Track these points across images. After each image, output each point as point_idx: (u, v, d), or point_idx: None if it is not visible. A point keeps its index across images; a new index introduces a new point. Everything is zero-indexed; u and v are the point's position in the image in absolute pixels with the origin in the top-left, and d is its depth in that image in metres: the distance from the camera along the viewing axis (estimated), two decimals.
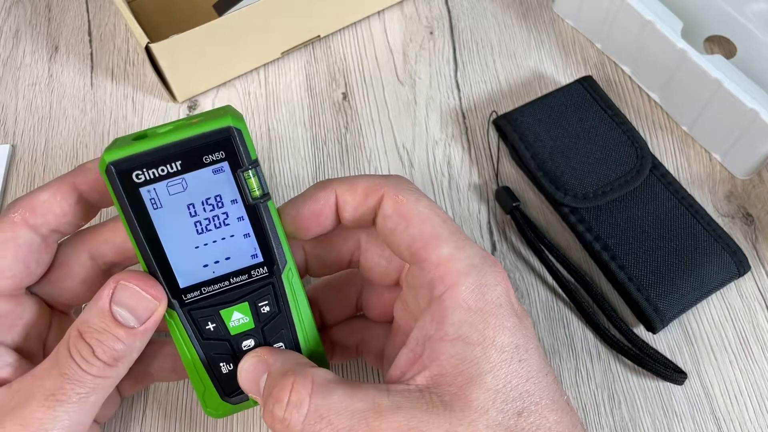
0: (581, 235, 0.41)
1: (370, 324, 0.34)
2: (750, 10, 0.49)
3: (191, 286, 0.29)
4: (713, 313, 0.40)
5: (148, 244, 0.27)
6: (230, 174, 0.28)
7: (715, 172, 0.45)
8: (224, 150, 0.27)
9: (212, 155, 0.27)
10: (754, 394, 0.37)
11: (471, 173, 0.45)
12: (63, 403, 0.27)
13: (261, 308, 0.30)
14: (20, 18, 0.51)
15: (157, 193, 0.27)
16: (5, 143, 0.46)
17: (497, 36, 0.50)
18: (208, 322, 0.29)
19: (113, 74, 0.49)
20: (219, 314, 0.29)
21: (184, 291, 0.29)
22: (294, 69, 0.49)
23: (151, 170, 0.27)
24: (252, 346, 0.30)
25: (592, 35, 0.50)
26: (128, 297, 0.27)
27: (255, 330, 0.30)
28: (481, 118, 0.47)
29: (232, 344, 0.30)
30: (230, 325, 0.29)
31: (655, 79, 0.46)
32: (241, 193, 0.28)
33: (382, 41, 0.50)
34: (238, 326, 0.29)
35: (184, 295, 0.29)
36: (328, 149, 0.45)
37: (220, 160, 0.27)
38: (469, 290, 0.27)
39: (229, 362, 0.30)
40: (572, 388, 0.38)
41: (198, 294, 0.29)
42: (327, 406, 0.25)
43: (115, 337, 0.27)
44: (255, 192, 0.28)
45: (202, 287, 0.29)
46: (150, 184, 0.27)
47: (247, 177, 0.28)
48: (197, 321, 0.29)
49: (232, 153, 0.27)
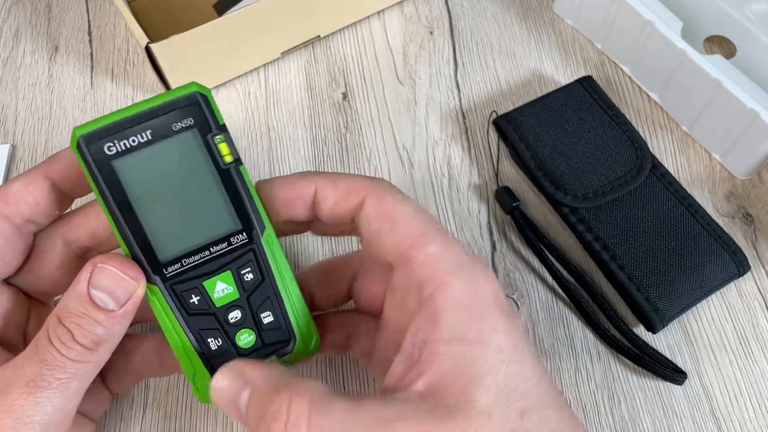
0: (581, 235, 0.41)
1: (362, 318, 0.33)
2: (750, 11, 0.49)
3: (171, 260, 0.28)
4: (713, 313, 0.40)
5: (123, 217, 0.27)
6: (200, 139, 0.28)
7: (714, 172, 0.45)
8: (192, 116, 0.27)
9: (181, 122, 0.27)
10: (754, 394, 0.37)
11: (471, 173, 0.45)
12: (44, 389, 0.27)
13: (244, 276, 0.29)
14: (20, 18, 0.51)
15: (130, 164, 0.27)
16: (5, 143, 0.46)
17: (497, 36, 0.50)
18: (192, 295, 0.28)
19: (113, 74, 0.49)
20: (202, 286, 0.28)
21: (165, 265, 0.28)
22: (294, 69, 0.49)
23: (122, 141, 0.27)
24: (239, 317, 0.29)
25: (592, 35, 0.50)
26: (106, 279, 0.27)
27: (240, 300, 0.29)
28: (481, 118, 0.47)
29: (219, 317, 0.29)
30: (215, 296, 0.29)
31: (655, 79, 0.46)
32: (213, 159, 0.28)
33: (382, 41, 0.50)
34: (223, 297, 0.29)
35: (165, 269, 0.28)
36: (328, 149, 0.46)
37: (189, 127, 0.27)
38: (460, 289, 0.26)
39: (217, 337, 0.29)
40: (572, 388, 0.38)
41: (179, 267, 0.28)
42: (329, 422, 0.24)
43: (94, 320, 0.27)
44: (227, 157, 0.28)
45: (182, 259, 0.28)
46: (122, 156, 0.27)
47: (218, 141, 0.28)
48: (180, 295, 0.28)
49: (201, 118, 0.27)
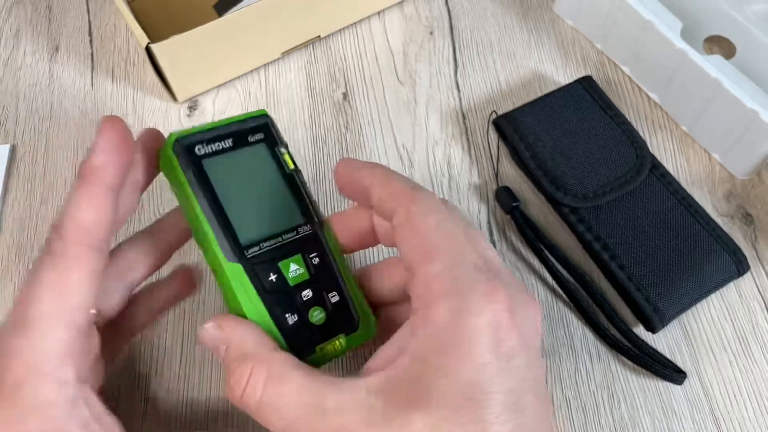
0: (581, 235, 0.41)
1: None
2: (749, 11, 0.49)
3: (252, 243, 0.31)
4: (713, 312, 0.40)
5: (210, 206, 0.31)
6: (269, 150, 0.34)
7: (714, 172, 0.45)
8: (263, 132, 0.34)
9: (255, 135, 0.34)
10: (754, 394, 0.37)
11: (471, 173, 0.45)
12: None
13: (312, 260, 0.32)
14: (21, 18, 0.51)
15: (216, 163, 0.32)
16: (6, 143, 0.46)
17: (497, 36, 0.50)
18: (270, 273, 0.31)
19: (114, 74, 0.49)
20: (278, 266, 0.32)
21: (246, 247, 0.31)
22: (294, 69, 0.49)
23: (210, 145, 0.32)
24: (310, 296, 0.32)
25: (592, 35, 0.50)
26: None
27: (311, 280, 0.32)
28: (481, 118, 0.47)
29: (293, 296, 0.32)
30: (289, 275, 0.32)
31: (654, 79, 0.46)
32: (280, 166, 0.34)
33: (382, 41, 0.50)
34: (296, 276, 0.32)
35: (246, 251, 0.31)
36: (329, 149, 0.46)
37: (261, 140, 0.34)
38: (442, 314, 0.26)
39: (293, 313, 0.31)
40: (572, 388, 0.38)
41: (258, 249, 0.32)
42: (278, 396, 0.26)
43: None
44: (290, 164, 0.34)
45: (260, 243, 0.32)
46: (210, 157, 0.32)
47: (282, 153, 0.34)
48: (259, 274, 0.31)
49: (269, 134, 0.34)
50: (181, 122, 0.46)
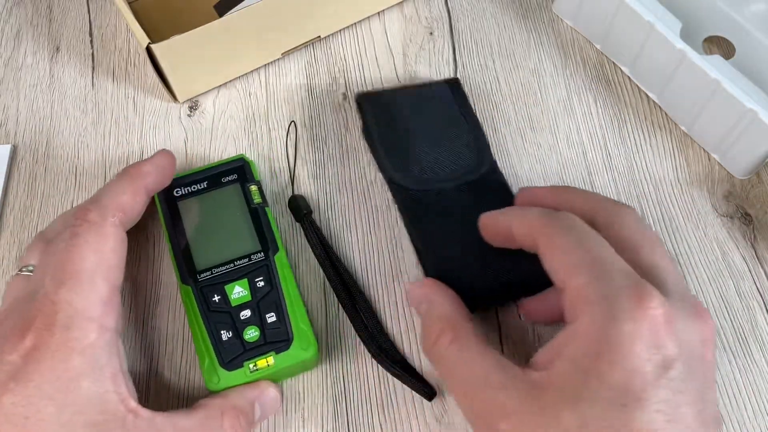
0: None
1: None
2: (749, 11, 0.49)
3: (204, 269, 0.37)
4: (712, 312, 0.40)
5: (176, 238, 0.38)
6: (239, 188, 0.40)
7: (713, 172, 0.45)
8: (236, 173, 0.41)
9: (228, 177, 0.40)
10: (753, 394, 0.37)
11: None
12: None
13: (257, 283, 0.37)
14: (21, 18, 0.52)
15: (189, 203, 0.40)
16: (6, 143, 0.46)
17: (497, 36, 0.51)
18: (215, 295, 0.36)
19: (114, 75, 0.49)
20: (223, 288, 0.37)
21: (199, 272, 0.37)
22: (294, 69, 0.49)
23: (186, 188, 0.40)
24: (248, 316, 0.36)
25: (592, 36, 0.50)
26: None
27: (251, 303, 0.36)
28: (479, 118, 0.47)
29: (233, 315, 0.36)
30: (232, 297, 0.36)
31: (654, 79, 0.46)
32: (246, 200, 0.40)
33: (382, 42, 0.50)
34: (238, 298, 0.36)
35: (198, 275, 0.37)
36: (329, 149, 0.46)
37: (235, 180, 0.40)
38: (588, 322, 0.28)
39: (228, 330, 0.35)
40: None
41: (209, 274, 0.37)
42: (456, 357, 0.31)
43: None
44: (256, 199, 0.40)
45: (213, 269, 0.37)
46: (184, 198, 0.40)
47: (251, 188, 0.40)
48: (206, 295, 0.36)
49: (242, 174, 0.40)
50: (181, 122, 0.47)
